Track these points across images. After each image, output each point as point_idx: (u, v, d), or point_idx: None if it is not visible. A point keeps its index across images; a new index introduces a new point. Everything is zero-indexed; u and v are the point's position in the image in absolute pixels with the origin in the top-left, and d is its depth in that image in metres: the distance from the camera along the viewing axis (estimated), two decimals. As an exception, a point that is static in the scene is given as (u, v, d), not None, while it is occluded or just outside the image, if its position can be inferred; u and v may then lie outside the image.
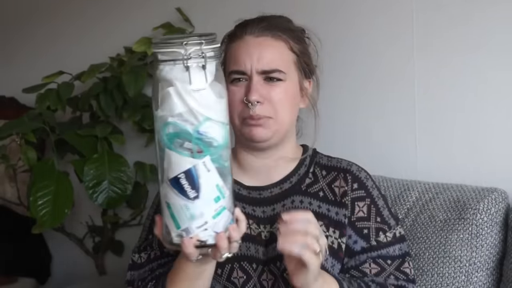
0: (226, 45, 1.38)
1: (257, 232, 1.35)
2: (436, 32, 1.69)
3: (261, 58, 1.32)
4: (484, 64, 1.62)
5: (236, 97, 1.32)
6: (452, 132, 1.69)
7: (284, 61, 1.35)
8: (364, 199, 1.37)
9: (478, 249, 1.47)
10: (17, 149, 2.10)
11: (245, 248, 1.34)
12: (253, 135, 1.32)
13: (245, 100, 1.31)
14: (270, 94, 1.31)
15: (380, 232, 1.35)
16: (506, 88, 1.60)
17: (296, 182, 1.39)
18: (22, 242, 2.51)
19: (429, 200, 1.58)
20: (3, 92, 2.62)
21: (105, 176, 1.99)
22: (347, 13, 1.84)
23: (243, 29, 1.35)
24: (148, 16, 2.22)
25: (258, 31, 1.34)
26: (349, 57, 1.83)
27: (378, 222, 1.36)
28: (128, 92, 2.02)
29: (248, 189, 1.39)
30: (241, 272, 1.33)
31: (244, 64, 1.32)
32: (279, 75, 1.33)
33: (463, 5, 1.65)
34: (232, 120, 1.32)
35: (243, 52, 1.33)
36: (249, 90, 1.30)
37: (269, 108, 1.32)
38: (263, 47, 1.33)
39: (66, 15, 2.49)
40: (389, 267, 1.33)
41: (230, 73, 1.33)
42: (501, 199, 1.51)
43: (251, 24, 1.35)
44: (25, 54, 2.62)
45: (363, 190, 1.38)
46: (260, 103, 1.30)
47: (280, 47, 1.35)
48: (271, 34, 1.34)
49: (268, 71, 1.32)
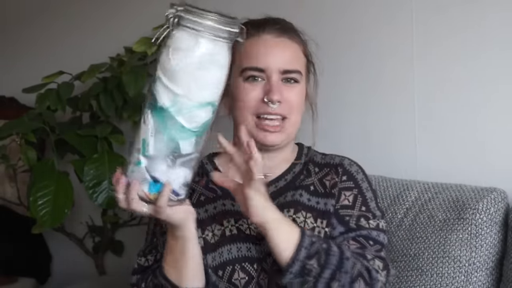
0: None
1: (256, 232, 1.35)
2: (436, 32, 1.69)
3: (283, 57, 1.33)
4: (484, 64, 1.62)
5: (251, 95, 1.32)
6: (451, 132, 1.69)
7: (300, 63, 1.37)
8: (351, 189, 1.38)
9: (477, 249, 1.47)
10: (17, 149, 2.10)
11: (246, 249, 1.34)
12: (267, 140, 1.33)
13: (266, 99, 1.31)
14: (289, 95, 1.33)
15: (362, 218, 1.34)
16: (505, 88, 1.60)
17: (291, 180, 1.40)
18: (22, 242, 2.51)
19: (428, 200, 1.58)
20: (3, 92, 2.62)
21: (105, 176, 1.98)
22: (348, 16, 1.84)
23: (259, 28, 1.35)
24: (148, 16, 2.20)
25: (276, 32, 1.34)
26: (348, 58, 1.83)
27: (363, 211, 1.36)
28: (128, 92, 2.02)
29: None
30: (242, 273, 1.32)
31: (264, 62, 1.32)
32: (297, 76, 1.34)
33: (463, 6, 1.65)
34: (243, 118, 1.33)
35: (261, 48, 1.33)
36: (271, 89, 1.31)
37: (286, 108, 1.33)
38: (283, 47, 1.34)
39: (66, 15, 2.49)
40: (370, 247, 1.31)
41: (244, 69, 1.33)
42: (500, 199, 1.51)
43: (267, 24, 1.35)
44: (25, 54, 2.62)
45: (351, 181, 1.39)
46: (279, 103, 1.32)
47: (297, 49, 1.37)
48: (288, 36, 1.35)
49: (290, 71, 1.33)
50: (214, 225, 1.37)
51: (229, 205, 1.38)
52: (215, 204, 1.39)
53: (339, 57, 1.83)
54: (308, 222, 1.34)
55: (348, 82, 1.84)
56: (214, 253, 1.34)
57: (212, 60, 1.10)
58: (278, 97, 1.31)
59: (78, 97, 2.22)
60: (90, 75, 2.09)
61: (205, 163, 1.46)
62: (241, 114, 1.34)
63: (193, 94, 1.10)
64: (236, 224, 1.36)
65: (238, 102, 1.34)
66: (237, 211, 1.36)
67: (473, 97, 1.65)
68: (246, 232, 1.35)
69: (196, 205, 1.39)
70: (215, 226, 1.37)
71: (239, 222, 1.36)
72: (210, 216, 1.38)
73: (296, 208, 1.35)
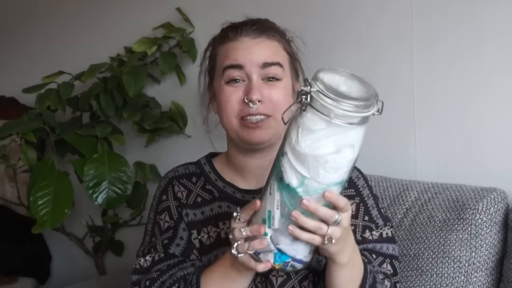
0: (215, 47, 1.38)
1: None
2: (436, 32, 1.69)
3: (261, 54, 1.32)
4: (484, 64, 1.62)
5: (233, 97, 1.31)
6: (451, 132, 1.69)
7: (281, 57, 1.35)
8: (353, 197, 1.37)
9: (477, 249, 1.47)
10: (17, 149, 2.10)
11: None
12: (251, 138, 1.32)
13: (246, 99, 1.30)
14: (270, 93, 1.31)
15: (367, 230, 1.35)
16: (505, 88, 1.60)
17: None
18: (22, 242, 2.51)
19: (428, 200, 1.58)
20: (3, 92, 2.62)
21: (105, 176, 1.98)
22: (346, 13, 1.84)
23: (236, 31, 1.34)
24: (148, 16, 2.22)
25: (253, 33, 1.33)
26: (348, 58, 1.83)
27: (366, 220, 1.36)
28: (128, 92, 2.02)
29: (242, 192, 1.39)
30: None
31: (243, 59, 1.31)
32: (277, 70, 1.32)
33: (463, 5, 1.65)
34: (228, 121, 1.33)
35: (240, 49, 1.32)
36: (251, 89, 1.30)
37: (269, 107, 1.31)
38: (260, 45, 1.33)
39: (66, 15, 2.49)
40: (373, 261, 1.33)
41: (225, 68, 1.32)
42: (500, 199, 1.51)
43: (244, 26, 1.34)
44: (25, 54, 2.62)
45: (352, 189, 1.38)
46: (261, 102, 1.30)
47: (276, 46, 1.35)
48: (266, 35, 1.34)
49: (270, 63, 1.31)
50: (210, 227, 1.37)
51: (225, 207, 1.38)
52: (212, 206, 1.39)
53: (338, 56, 1.83)
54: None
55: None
56: (209, 255, 1.35)
57: (344, 144, 1.04)
58: (258, 96, 1.29)
59: (78, 97, 2.22)
60: (90, 75, 2.09)
61: (203, 164, 1.45)
62: (225, 117, 1.33)
63: (322, 178, 1.04)
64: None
65: (222, 105, 1.34)
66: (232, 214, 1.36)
67: (473, 97, 1.65)
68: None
69: (193, 206, 1.39)
70: (211, 228, 1.37)
71: None
72: (206, 218, 1.38)
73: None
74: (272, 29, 1.37)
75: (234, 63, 1.31)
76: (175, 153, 2.23)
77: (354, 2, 1.83)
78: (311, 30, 1.77)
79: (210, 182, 1.41)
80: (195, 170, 1.44)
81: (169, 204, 1.41)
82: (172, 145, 2.24)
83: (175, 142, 2.23)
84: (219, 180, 1.41)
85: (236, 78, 1.32)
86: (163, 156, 2.25)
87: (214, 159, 1.47)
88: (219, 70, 1.34)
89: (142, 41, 2.08)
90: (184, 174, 1.44)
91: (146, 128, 2.15)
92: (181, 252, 1.37)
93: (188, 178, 1.43)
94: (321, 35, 1.83)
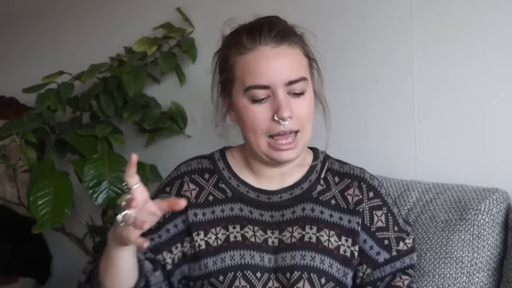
0: (230, 56, 1.32)
1: (262, 239, 1.34)
2: (435, 31, 1.69)
3: (286, 69, 1.28)
4: (485, 63, 1.62)
5: (260, 116, 1.28)
6: (452, 132, 1.69)
7: (304, 67, 1.32)
8: (381, 207, 1.38)
9: (479, 249, 1.47)
10: (17, 149, 2.10)
11: (249, 257, 1.33)
12: (281, 158, 1.30)
13: (276, 117, 1.26)
14: (299, 109, 1.29)
15: (401, 241, 1.38)
16: (506, 88, 1.60)
17: (307, 189, 1.38)
18: (22, 242, 2.51)
19: (429, 201, 1.58)
20: (3, 92, 2.61)
21: (105, 176, 1.98)
22: (348, 13, 1.84)
23: (254, 39, 1.28)
24: (148, 16, 2.21)
25: (273, 41, 1.28)
26: (348, 57, 1.83)
27: (396, 231, 1.38)
28: (128, 92, 2.02)
29: (257, 192, 1.38)
30: (244, 281, 1.31)
31: (268, 77, 1.26)
32: (303, 85, 1.29)
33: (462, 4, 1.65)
34: (256, 140, 1.30)
35: (262, 63, 1.27)
36: (280, 106, 1.26)
37: (298, 122, 1.29)
38: (283, 57, 1.28)
39: (66, 15, 2.49)
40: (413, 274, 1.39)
41: (248, 88, 1.28)
42: (502, 200, 1.51)
43: (263, 32, 1.29)
44: (25, 54, 2.62)
45: (378, 198, 1.38)
46: (290, 118, 1.27)
47: (297, 54, 1.31)
48: (287, 42, 1.29)
49: (296, 80, 1.28)
50: (219, 229, 1.35)
51: (237, 210, 1.37)
52: (223, 207, 1.37)
53: (338, 56, 1.83)
54: (332, 240, 1.33)
55: (347, 82, 1.84)
56: (215, 257, 1.33)
57: None
58: (288, 113, 1.26)
59: (78, 97, 2.22)
60: (90, 75, 2.09)
61: (217, 159, 1.42)
62: (253, 136, 1.30)
63: None
64: (242, 231, 1.35)
65: (248, 124, 1.30)
66: (244, 217, 1.36)
67: (474, 96, 1.65)
68: (251, 239, 1.34)
69: (203, 205, 1.37)
70: (219, 229, 1.35)
71: (245, 229, 1.35)
72: (216, 219, 1.36)
73: (318, 226, 1.34)
74: (289, 32, 1.32)
75: (258, 83, 1.27)
76: (175, 153, 2.23)
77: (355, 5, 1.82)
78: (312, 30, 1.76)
79: (223, 180, 1.39)
80: (209, 165, 1.42)
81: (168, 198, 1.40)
82: (172, 145, 2.23)
83: (175, 142, 2.23)
84: (232, 178, 1.39)
85: (261, 96, 1.27)
86: (163, 156, 2.25)
87: (228, 153, 1.43)
88: (240, 85, 1.30)
89: (142, 41, 2.08)
90: (197, 170, 1.41)
91: (146, 128, 2.15)
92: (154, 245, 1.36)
93: (200, 174, 1.40)
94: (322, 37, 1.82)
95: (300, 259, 1.31)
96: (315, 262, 1.31)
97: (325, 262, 1.32)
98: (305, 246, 1.32)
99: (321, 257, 1.32)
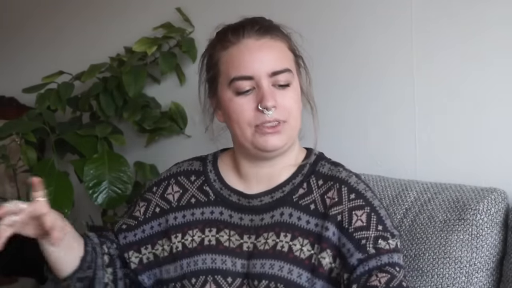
0: (215, 53, 1.33)
1: (237, 244, 1.33)
2: (436, 31, 1.69)
3: (269, 60, 1.28)
4: (485, 64, 1.62)
5: (245, 107, 1.28)
6: (451, 132, 1.69)
7: (288, 60, 1.33)
8: (363, 207, 1.30)
9: (478, 249, 1.47)
10: (17, 149, 2.10)
11: (220, 262, 1.32)
12: (267, 145, 1.29)
13: (260, 106, 1.26)
14: (284, 100, 1.29)
15: (380, 240, 1.27)
16: (506, 88, 1.60)
17: (289, 192, 1.35)
18: (22, 242, 2.50)
19: (428, 200, 1.58)
20: (3, 92, 2.61)
21: (105, 176, 1.98)
22: (347, 12, 1.84)
23: (238, 33, 1.30)
24: (148, 16, 2.21)
25: (256, 34, 1.30)
26: (348, 56, 1.83)
27: (380, 230, 1.28)
28: (128, 92, 2.02)
29: (238, 195, 1.37)
30: (214, 286, 1.30)
31: (252, 68, 1.27)
32: (287, 76, 1.29)
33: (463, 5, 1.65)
34: (242, 131, 1.29)
35: (246, 55, 1.28)
36: (263, 96, 1.26)
37: (283, 113, 1.29)
38: (266, 48, 1.29)
39: (66, 15, 2.49)
40: (398, 274, 1.24)
41: (232, 80, 1.28)
42: (500, 199, 1.50)
43: (245, 27, 1.30)
44: (25, 54, 2.62)
45: (361, 199, 1.31)
46: (275, 108, 1.27)
47: (281, 47, 1.32)
48: (269, 35, 1.31)
49: (279, 71, 1.28)
50: (196, 231, 1.35)
51: (217, 214, 1.36)
52: (204, 209, 1.37)
53: (338, 55, 1.83)
54: (305, 250, 1.29)
55: (347, 81, 1.84)
56: (189, 259, 1.33)
57: None
58: (272, 102, 1.26)
59: (78, 97, 2.22)
60: (90, 75, 2.09)
61: (208, 161, 1.43)
62: (239, 128, 1.30)
63: None
64: (217, 235, 1.34)
65: (233, 117, 1.30)
66: (222, 221, 1.35)
67: (473, 96, 1.65)
68: (224, 244, 1.33)
69: (184, 208, 1.38)
70: (196, 232, 1.35)
71: (220, 233, 1.34)
72: (195, 221, 1.37)
73: (293, 234, 1.30)
74: (273, 27, 1.33)
75: (243, 74, 1.27)
76: (175, 153, 2.23)
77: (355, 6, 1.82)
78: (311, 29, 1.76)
79: (208, 182, 1.39)
80: (198, 167, 1.42)
81: (152, 198, 1.42)
82: (172, 145, 2.23)
83: (175, 142, 2.23)
84: (217, 181, 1.39)
85: (245, 88, 1.28)
86: (163, 156, 2.25)
87: (220, 156, 1.43)
88: (224, 79, 1.30)
89: (142, 41, 2.08)
90: (185, 171, 1.42)
91: (146, 128, 2.15)
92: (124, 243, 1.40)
93: (187, 176, 1.41)
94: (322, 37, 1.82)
95: (268, 268, 1.28)
96: (282, 272, 1.27)
97: (293, 272, 1.27)
98: (275, 255, 1.29)
99: (290, 267, 1.27)
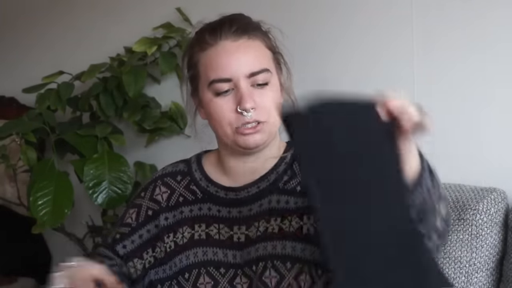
0: (194, 54, 1.34)
1: (227, 236, 1.34)
2: (436, 32, 1.69)
3: (246, 61, 1.29)
4: (485, 63, 1.62)
5: (224, 108, 1.29)
6: (451, 132, 1.69)
7: (266, 59, 1.33)
8: None
9: (478, 249, 1.47)
10: (17, 149, 2.10)
11: (212, 254, 1.33)
12: (249, 144, 1.30)
13: (239, 108, 1.27)
14: (262, 100, 1.29)
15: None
16: (506, 87, 1.60)
17: (274, 181, 1.35)
18: (22, 242, 2.51)
19: (428, 200, 1.58)
20: (3, 92, 2.61)
21: (105, 176, 1.99)
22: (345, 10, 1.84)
23: (215, 35, 1.31)
24: (148, 16, 2.21)
25: (233, 35, 1.30)
26: (347, 56, 1.83)
27: None
28: (128, 92, 2.02)
29: (225, 190, 1.37)
30: (208, 278, 1.32)
31: (230, 70, 1.28)
32: (266, 76, 1.30)
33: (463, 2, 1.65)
34: (222, 132, 1.31)
35: (223, 57, 1.29)
36: (242, 97, 1.27)
37: (263, 113, 1.29)
38: (243, 49, 1.30)
39: (66, 15, 2.49)
40: None
41: (211, 82, 1.29)
42: (500, 199, 1.51)
43: (223, 28, 1.31)
44: (25, 54, 2.62)
45: None
46: (254, 109, 1.28)
47: (258, 46, 1.32)
48: (247, 35, 1.31)
49: (257, 72, 1.29)
50: (186, 228, 1.36)
51: (205, 210, 1.37)
52: (192, 207, 1.38)
53: (337, 54, 1.83)
54: (294, 223, 1.30)
55: (346, 81, 1.84)
56: (181, 255, 1.35)
57: None
58: (251, 104, 1.27)
59: (78, 97, 2.22)
60: (90, 75, 2.09)
61: (192, 162, 1.44)
62: (220, 127, 1.31)
63: None
64: (207, 229, 1.35)
65: (214, 118, 1.31)
66: (211, 216, 1.36)
67: (473, 96, 1.65)
68: (214, 237, 1.34)
69: (173, 208, 1.39)
70: (186, 228, 1.36)
71: (210, 228, 1.35)
72: (184, 219, 1.37)
73: (282, 216, 1.31)
74: (250, 26, 1.34)
75: (221, 76, 1.28)
76: (175, 153, 2.22)
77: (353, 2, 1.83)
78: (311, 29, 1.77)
79: (195, 181, 1.40)
80: (183, 168, 1.43)
81: (142, 203, 1.41)
82: (172, 145, 2.24)
83: (175, 142, 2.23)
84: (203, 179, 1.40)
85: (224, 89, 1.29)
86: (163, 156, 2.25)
87: (204, 156, 1.45)
88: (204, 81, 1.32)
89: (142, 41, 2.08)
90: (170, 173, 1.43)
91: (146, 128, 2.15)
92: (126, 253, 1.38)
93: (173, 177, 1.42)
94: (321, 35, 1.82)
95: (262, 250, 1.29)
96: (276, 249, 1.29)
97: (286, 246, 1.29)
98: (267, 237, 1.30)
99: (282, 243, 1.29)
